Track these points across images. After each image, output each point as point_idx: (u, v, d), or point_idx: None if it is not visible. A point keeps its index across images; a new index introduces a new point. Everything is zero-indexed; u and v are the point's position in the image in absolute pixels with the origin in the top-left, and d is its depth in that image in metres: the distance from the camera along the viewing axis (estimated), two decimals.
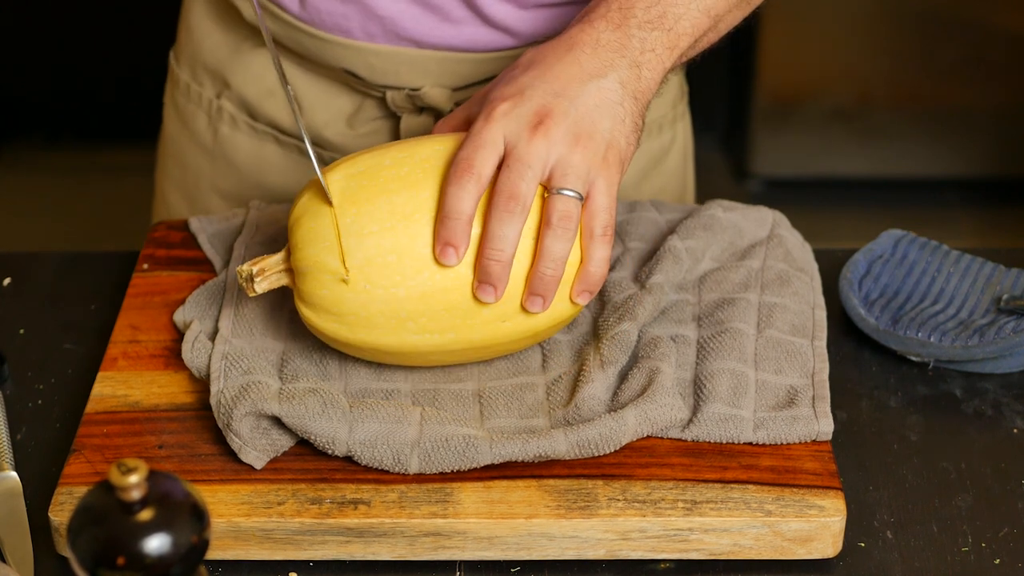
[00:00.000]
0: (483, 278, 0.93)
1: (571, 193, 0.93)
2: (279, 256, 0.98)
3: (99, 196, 2.82)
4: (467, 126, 1.01)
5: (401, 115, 1.20)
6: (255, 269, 0.97)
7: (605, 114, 0.95)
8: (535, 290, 0.95)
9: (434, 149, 0.96)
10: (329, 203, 0.94)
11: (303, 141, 1.24)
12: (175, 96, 1.31)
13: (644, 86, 0.98)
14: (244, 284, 0.97)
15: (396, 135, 1.21)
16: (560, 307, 0.97)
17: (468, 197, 0.92)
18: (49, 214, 2.79)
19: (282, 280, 0.98)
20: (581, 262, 0.96)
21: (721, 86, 2.84)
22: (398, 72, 1.17)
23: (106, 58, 2.85)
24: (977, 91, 2.68)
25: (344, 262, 0.93)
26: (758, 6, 1.08)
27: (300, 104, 1.22)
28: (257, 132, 1.25)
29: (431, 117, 1.19)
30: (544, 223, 0.94)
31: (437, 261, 0.93)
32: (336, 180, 0.95)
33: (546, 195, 0.94)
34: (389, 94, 1.18)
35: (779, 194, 2.69)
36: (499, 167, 0.94)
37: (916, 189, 2.81)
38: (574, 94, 0.95)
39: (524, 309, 0.95)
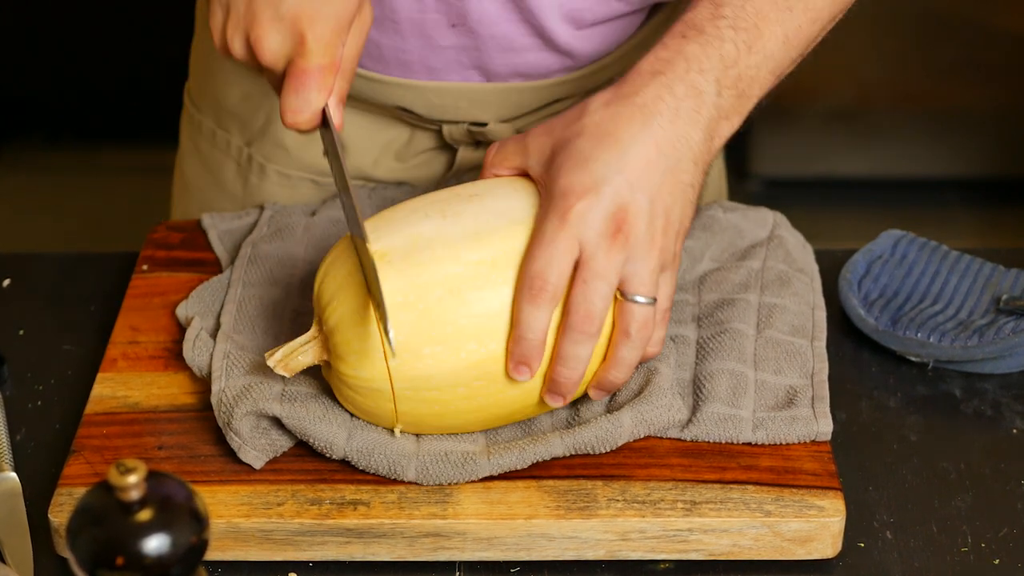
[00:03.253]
0: (553, 389, 0.92)
1: (645, 300, 0.91)
2: (313, 346, 0.94)
3: (99, 196, 2.82)
4: (520, 173, 0.96)
5: (458, 147, 1.17)
6: (285, 354, 0.94)
7: (678, 200, 0.92)
8: (601, 386, 0.95)
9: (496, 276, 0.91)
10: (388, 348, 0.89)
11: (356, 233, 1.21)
12: (198, 142, 1.27)
13: (712, 155, 0.95)
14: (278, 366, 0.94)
15: (450, 167, 1.18)
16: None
17: (543, 317, 0.90)
18: (49, 214, 2.79)
19: (319, 356, 0.95)
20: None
21: None
22: (457, 107, 1.13)
23: (106, 58, 2.85)
24: (977, 91, 2.68)
25: (395, 411, 0.92)
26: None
27: (345, 147, 1.18)
28: (291, 179, 1.21)
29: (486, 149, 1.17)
30: (620, 332, 0.92)
31: (509, 377, 0.91)
32: (393, 301, 0.90)
33: (619, 298, 0.91)
34: (446, 128, 1.15)
35: (779, 194, 2.68)
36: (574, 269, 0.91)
37: (916, 189, 2.81)
38: (649, 186, 0.90)
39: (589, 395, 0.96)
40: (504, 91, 1.13)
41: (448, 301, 0.90)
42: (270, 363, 0.93)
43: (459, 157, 1.17)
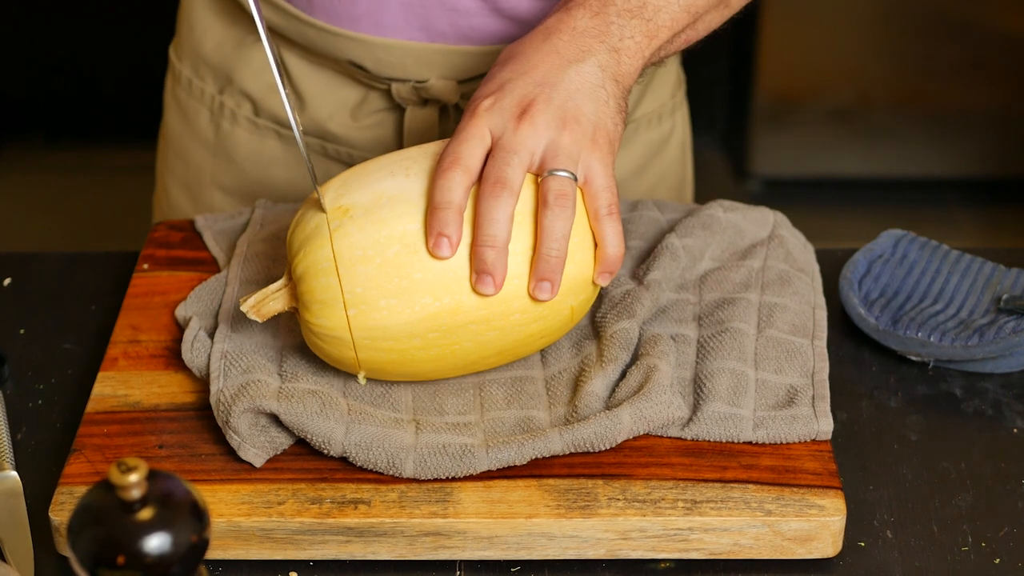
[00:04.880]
0: (480, 267, 0.92)
1: (564, 173, 0.93)
2: (283, 294, 0.97)
3: (99, 196, 2.83)
4: None
5: (406, 107, 1.20)
6: (257, 300, 0.97)
7: (588, 97, 0.95)
8: (542, 275, 0.93)
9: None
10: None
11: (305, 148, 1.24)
12: (176, 91, 1.31)
13: (624, 70, 0.98)
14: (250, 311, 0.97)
15: (400, 127, 1.21)
16: (569, 298, 0.96)
17: (456, 187, 0.92)
18: (49, 214, 2.79)
19: (288, 303, 0.97)
20: (596, 245, 0.96)
21: (721, 86, 2.85)
22: (404, 65, 1.17)
23: (106, 58, 2.85)
24: (977, 91, 2.68)
25: (358, 362, 0.95)
26: (738, 11, 1.08)
27: (302, 100, 1.22)
28: (258, 128, 1.25)
29: (435, 109, 1.19)
30: (541, 204, 0.93)
31: (431, 253, 0.92)
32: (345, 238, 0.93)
33: (539, 179, 0.94)
34: (394, 86, 1.18)
35: (779, 194, 2.69)
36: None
37: (916, 189, 2.82)
38: (555, 81, 0.95)
39: (532, 297, 0.94)
40: (449, 53, 1.16)
41: (403, 256, 0.92)
42: (243, 308, 0.96)
43: (407, 117, 1.20)
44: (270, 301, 0.97)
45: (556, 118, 0.94)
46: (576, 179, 0.94)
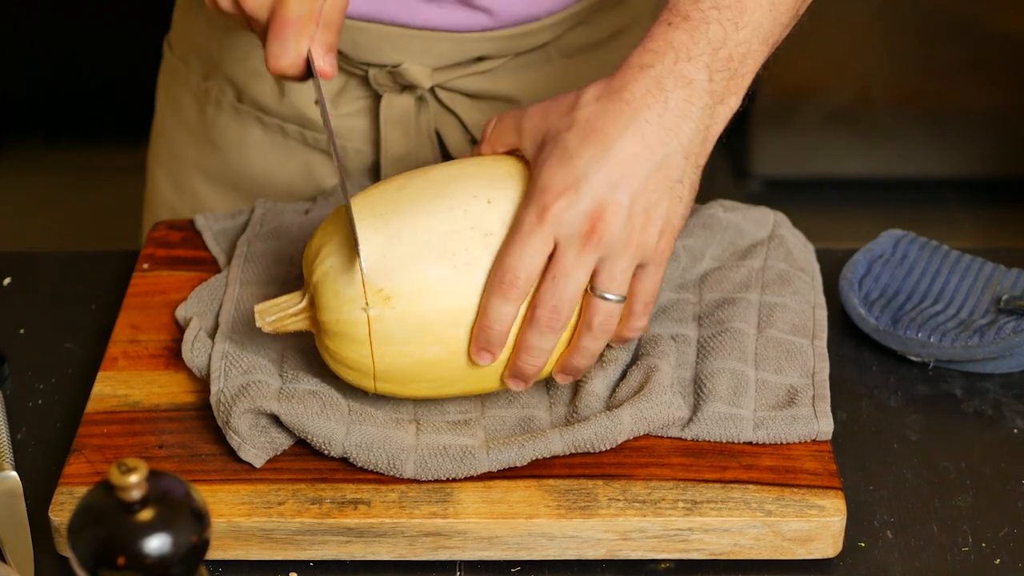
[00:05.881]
0: (514, 373, 0.94)
1: (614, 297, 0.92)
2: (303, 318, 0.96)
3: (99, 196, 2.83)
4: (514, 150, 0.97)
5: (383, 94, 1.20)
6: (273, 318, 0.96)
7: (663, 195, 0.91)
8: (566, 371, 0.95)
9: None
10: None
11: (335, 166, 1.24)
12: (166, 80, 1.32)
13: (707, 148, 0.93)
14: (264, 323, 0.96)
15: (377, 115, 1.21)
16: None
17: (511, 311, 0.91)
18: (49, 214, 2.79)
19: (308, 327, 0.97)
20: (622, 320, 0.95)
21: None
22: (379, 49, 1.17)
23: (105, 58, 2.85)
24: (977, 91, 2.68)
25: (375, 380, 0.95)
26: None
27: (282, 87, 1.22)
28: (240, 114, 1.25)
29: (412, 97, 1.19)
30: (584, 322, 0.92)
31: (472, 359, 0.92)
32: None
33: (588, 291, 0.92)
34: (371, 71, 1.19)
35: (779, 194, 2.69)
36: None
37: (916, 189, 2.81)
38: (632, 184, 0.90)
39: (552, 379, 0.97)
40: (424, 38, 1.16)
41: (443, 356, 0.93)
42: (259, 324, 0.95)
43: (383, 104, 1.20)
44: (289, 322, 0.95)
45: (623, 234, 0.90)
46: (623, 300, 0.92)
